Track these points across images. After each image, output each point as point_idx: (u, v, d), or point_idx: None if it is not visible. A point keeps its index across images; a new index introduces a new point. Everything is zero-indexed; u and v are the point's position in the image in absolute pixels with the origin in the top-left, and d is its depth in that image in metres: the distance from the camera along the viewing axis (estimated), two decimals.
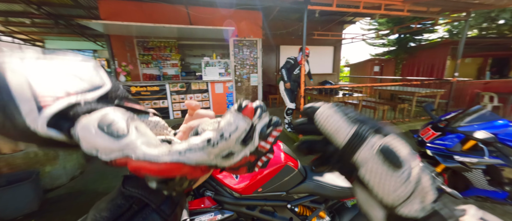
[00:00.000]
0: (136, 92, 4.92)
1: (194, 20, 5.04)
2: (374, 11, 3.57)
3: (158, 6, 4.91)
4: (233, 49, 5.72)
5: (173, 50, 6.25)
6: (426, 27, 6.09)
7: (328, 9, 3.30)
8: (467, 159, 1.65)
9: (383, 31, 7.67)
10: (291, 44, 7.36)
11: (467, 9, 3.95)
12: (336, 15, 6.78)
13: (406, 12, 3.67)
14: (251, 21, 5.63)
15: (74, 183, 2.40)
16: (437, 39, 8.38)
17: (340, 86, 4.12)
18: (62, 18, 5.73)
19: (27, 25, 6.36)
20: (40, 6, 5.00)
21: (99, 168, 2.75)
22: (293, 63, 3.66)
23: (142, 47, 5.87)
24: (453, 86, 4.35)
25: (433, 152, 1.82)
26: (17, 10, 5.52)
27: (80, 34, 6.88)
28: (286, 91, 3.80)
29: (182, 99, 5.31)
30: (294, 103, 3.82)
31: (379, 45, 9.56)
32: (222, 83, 5.53)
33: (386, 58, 9.38)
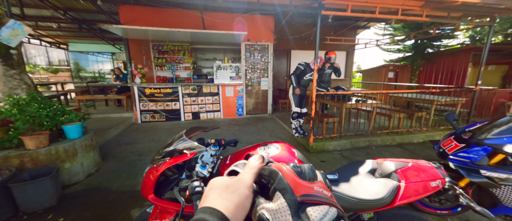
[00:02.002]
0: (150, 94, 5.08)
1: (208, 25, 5.17)
2: (391, 16, 3.47)
3: (174, 12, 5.09)
4: (245, 53, 5.78)
5: (186, 54, 6.42)
6: (446, 32, 5.82)
7: (343, 14, 3.25)
8: (495, 174, 1.53)
9: (399, 36, 7.43)
10: (303, 49, 7.32)
11: (492, 14, 3.74)
12: (349, 20, 6.68)
13: (425, 17, 3.54)
14: (263, 26, 5.67)
15: (89, 180, 2.49)
16: (457, 45, 7.99)
17: (353, 92, 4.01)
18: (85, 22, 6.10)
19: (54, 29, 6.82)
20: (66, 11, 5.35)
21: (113, 167, 2.84)
22: (303, 69, 3.64)
23: (157, 50, 6.08)
24: (476, 95, 4.10)
25: (456, 164, 1.71)
26: (45, 15, 5.95)
27: (100, 37, 7.27)
28: (293, 95, 3.79)
29: (194, 102, 5.41)
30: (299, 108, 3.83)
31: (394, 51, 9.26)
32: (232, 86, 5.58)
33: (401, 65, 9.06)
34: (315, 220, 0.25)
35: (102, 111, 5.59)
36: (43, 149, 2.15)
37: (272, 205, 0.27)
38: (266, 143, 1.28)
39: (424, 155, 3.36)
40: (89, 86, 6.00)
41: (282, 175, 0.29)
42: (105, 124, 4.38)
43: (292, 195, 0.27)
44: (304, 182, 0.29)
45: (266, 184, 0.30)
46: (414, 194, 1.05)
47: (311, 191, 0.28)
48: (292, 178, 0.29)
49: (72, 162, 2.35)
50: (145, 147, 3.54)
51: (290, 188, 0.27)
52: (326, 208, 0.26)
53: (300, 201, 0.26)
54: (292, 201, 0.26)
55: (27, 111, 2.23)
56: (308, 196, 0.27)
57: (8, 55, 2.29)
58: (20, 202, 1.88)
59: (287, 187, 0.27)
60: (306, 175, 0.31)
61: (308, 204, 0.26)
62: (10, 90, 2.33)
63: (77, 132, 2.44)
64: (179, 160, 1.06)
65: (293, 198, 0.26)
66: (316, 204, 0.26)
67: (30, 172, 2.03)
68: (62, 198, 2.13)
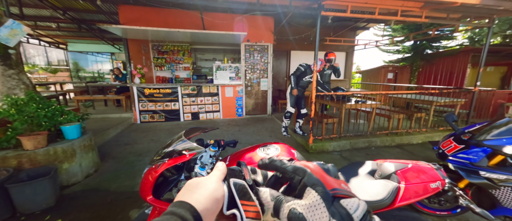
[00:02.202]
0: (149, 94, 5.07)
1: (208, 25, 5.16)
2: (390, 17, 3.47)
3: (174, 12, 5.09)
4: (244, 53, 5.78)
5: (185, 54, 6.41)
6: (445, 34, 5.85)
7: (342, 15, 3.26)
8: (495, 175, 1.53)
9: (398, 37, 7.45)
10: (302, 49, 7.33)
11: (490, 16, 3.76)
12: (349, 21, 6.69)
13: (424, 19, 3.55)
14: (263, 26, 5.68)
15: (88, 181, 2.47)
16: (456, 46, 8.02)
17: (352, 93, 4.02)
18: (85, 22, 6.09)
19: (53, 29, 6.80)
20: (66, 11, 5.34)
21: (112, 167, 2.82)
22: (303, 70, 3.65)
23: (156, 50, 6.07)
24: (475, 96, 4.11)
25: (455, 165, 1.71)
26: (44, 15, 5.93)
27: (100, 37, 7.26)
28: (290, 95, 3.81)
29: (193, 102, 5.40)
30: (293, 108, 3.87)
31: (393, 52, 9.29)
32: (232, 87, 5.58)
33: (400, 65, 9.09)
34: (351, 209, 0.25)
35: (101, 111, 5.57)
36: (41, 149, 2.14)
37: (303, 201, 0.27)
38: (266, 144, 1.28)
39: (424, 156, 3.36)
40: (88, 86, 5.98)
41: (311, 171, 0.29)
42: (104, 124, 4.37)
43: (325, 188, 0.27)
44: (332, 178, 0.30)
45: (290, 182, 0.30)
46: (414, 196, 1.04)
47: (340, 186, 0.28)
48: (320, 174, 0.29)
49: (71, 162, 2.34)
50: (144, 147, 3.53)
51: (321, 182, 0.27)
52: (358, 201, 0.27)
53: (332, 194, 0.27)
54: (326, 193, 0.26)
55: (25, 111, 2.21)
56: (338, 190, 0.27)
57: (7, 55, 2.28)
58: (18, 203, 1.87)
59: (318, 181, 0.27)
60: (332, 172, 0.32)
61: (340, 198, 0.27)
62: (8, 90, 2.32)
63: (75, 132, 2.43)
64: (178, 161, 1.06)
65: (326, 190, 0.27)
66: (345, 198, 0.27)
67: (28, 173, 2.02)
68: (60, 199, 2.12)
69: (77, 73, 9.83)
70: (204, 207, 0.26)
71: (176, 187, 1.12)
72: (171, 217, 0.23)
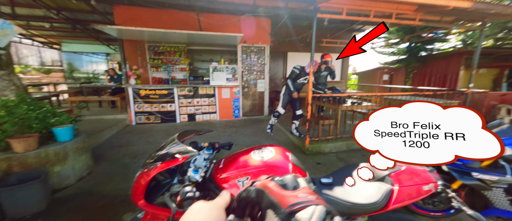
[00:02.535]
0: (145, 95, 5.02)
1: (204, 26, 5.15)
2: (385, 20, 3.52)
3: (170, 13, 5.06)
4: (241, 55, 5.78)
5: (182, 55, 6.38)
6: (438, 36, 5.95)
7: (338, 18, 3.28)
8: (487, 177, 1.55)
9: (394, 39, 7.56)
10: (299, 51, 7.36)
11: (482, 19, 3.84)
12: (345, 23, 6.75)
13: (418, 21, 3.60)
14: (259, 27, 5.69)
15: (81, 184, 2.43)
16: (449, 48, 8.17)
17: (348, 95, 4.04)
18: (79, 22, 6.00)
19: (47, 29, 6.69)
20: (60, 11, 5.26)
21: (106, 170, 2.78)
22: (298, 72, 3.67)
23: (153, 51, 6.02)
24: (468, 97, 4.19)
25: (448, 167, 1.73)
26: (38, 15, 5.83)
27: (95, 38, 7.17)
28: (283, 95, 3.82)
29: (189, 103, 5.36)
30: (284, 110, 3.93)
31: (388, 54, 9.41)
32: (229, 88, 5.56)
33: (396, 67, 9.21)
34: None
35: (95, 112, 5.49)
36: (32, 152, 2.09)
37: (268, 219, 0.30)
38: (260, 147, 1.27)
39: None
40: (83, 87, 5.89)
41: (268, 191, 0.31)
42: (99, 126, 4.30)
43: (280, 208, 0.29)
44: (289, 193, 0.32)
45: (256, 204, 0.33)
46: (407, 198, 1.05)
47: (296, 199, 0.30)
48: (277, 192, 0.31)
49: (63, 165, 2.29)
50: (140, 149, 3.49)
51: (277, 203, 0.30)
52: (312, 208, 0.28)
53: (289, 212, 0.28)
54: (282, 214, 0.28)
55: (16, 113, 2.16)
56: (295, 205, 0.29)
57: None
58: (7, 207, 1.82)
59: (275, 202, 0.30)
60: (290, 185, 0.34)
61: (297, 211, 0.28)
62: None
63: (68, 134, 2.39)
64: (170, 165, 1.04)
65: (282, 211, 0.29)
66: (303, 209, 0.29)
67: (18, 176, 1.97)
68: (51, 203, 2.07)
69: (71, 74, 9.67)
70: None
71: (169, 191, 1.10)
72: None
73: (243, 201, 0.34)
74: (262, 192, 0.31)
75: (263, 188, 0.32)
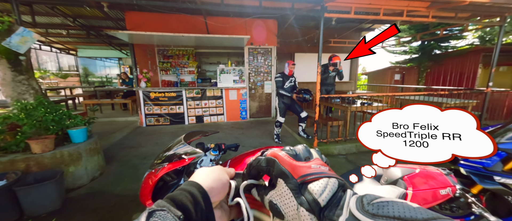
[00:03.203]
0: (154, 98, 5.14)
1: (211, 29, 5.22)
2: (395, 18, 3.41)
3: (178, 17, 5.18)
4: (248, 57, 5.80)
5: (190, 58, 6.49)
6: (453, 33, 5.70)
7: (346, 17, 3.22)
8: (510, 181, 1.44)
9: (405, 38, 7.32)
10: (306, 51, 7.30)
11: (502, 14, 3.63)
12: (353, 23, 6.62)
13: (431, 19, 3.47)
14: (266, 29, 5.69)
15: (93, 184, 2.50)
16: (466, 46, 7.80)
17: (358, 95, 3.94)
18: (93, 29, 6.28)
19: (64, 36, 7.04)
20: (75, 18, 5.52)
21: (117, 170, 2.86)
22: (281, 79, 3.64)
23: (162, 55, 6.18)
24: (487, 97, 3.96)
25: (467, 170, 1.63)
26: (56, 23, 6.15)
27: (108, 43, 7.46)
28: (279, 106, 3.74)
29: (197, 105, 5.44)
30: (283, 118, 3.78)
31: (400, 53, 9.12)
32: (236, 90, 5.59)
33: (408, 66, 8.90)
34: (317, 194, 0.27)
35: (108, 115, 5.68)
36: (49, 153, 2.18)
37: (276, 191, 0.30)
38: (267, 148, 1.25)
39: None
40: (96, 90, 6.13)
41: (279, 161, 0.30)
42: (110, 128, 4.45)
43: (292, 178, 0.29)
44: (301, 163, 0.31)
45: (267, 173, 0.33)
46: (422, 203, 0.99)
47: (308, 169, 0.30)
48: (288, 162, 0.30)
49: (77, 165, 2.38)
50: (148, 150, 3.56)
51: (288, 172, 0.29)
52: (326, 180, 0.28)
53: (300, 182, 0.28)
54: (292, 184, 0.28)
55: (34, 116, 2.27)
56: (307, 176, 0.29)
57: (17, 62, 2.36)
58: (25, 206, 1.90)
59: (286, 171, 0.29)
60: (301, 155, 0.33)
61: (309, 182, 0.28)
62: (18, 96, 2.40)
63: (82, 136, 2.48)
64: (177, 165, 1.05)
65: (293, 181, 0.28)
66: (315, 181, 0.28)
67: (35, 176, 2.06)
68: (66, 202, 2.14)
69: (86, 78, 10.11)
70: (210, 186, 0.29)
71: None
72: (181, 192, 0.27)
73: (254, 170, 0.33)
74: (273, 161, 0.30)
75: (274, 157, 0.31)
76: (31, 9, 4.45)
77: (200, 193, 0.27)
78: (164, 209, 0.24)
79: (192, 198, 0.26)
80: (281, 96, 3.70)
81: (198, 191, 0.27)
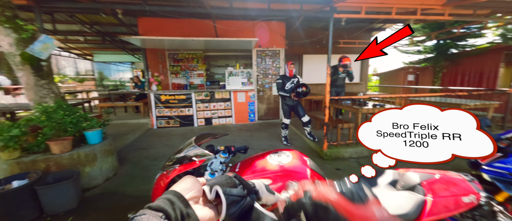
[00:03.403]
0: (165, 101, 5.27)
1: (220, 32, 5.30)
2: (409, 17, 3.30)
3: (188, 22, 5.30)
4: (256, 59, 5.81)
5: (199, 61, 6.61)
6: (472, 31, 5.42)
7: (356, 17, 3.16)
8: None
9: (419, 37, 7.05)
10: (315, 53, 7.22)
11: None
12: (364, 23, 6.48)
13: (447, 16, 3.32)
14: (274, 31, 5.69)
15: (107, 184, 2.59)
16: (485, 44, 7.39)
17: (369, 97, 3.83)
18: (108, 35, 6.56)
19: (81, 42, 7.42)
20: (92, 25, 5.80)
21: (129, 171, 2.94)
22: (281, 81, 3.59)
23: (172, 59, 6.33)
24: (511, 98, 3.71)
25: (491, 176, 1.52)
26: (74, 30, 6.50)
27: (121, 48, 7.76)
28: (283, 107, 3.71)
29: (206, 108, 5.50)
30: (288, 120, 3.77)
31: (413, 52, 8.80)
32: (244, 92, 5.61)
33: (422, 67, 8.56)
34: None
35: (121, 117, 5.88)
36: (67, 153, 2.28)
37: None
38: (277, 151, 1.24)
39: (452, 165, 3.07)
40: (111, 94, 6.37)
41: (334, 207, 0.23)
42: (123, 130, 4.60)
43: None
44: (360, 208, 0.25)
45: None
46: (444, 211, 0.94)
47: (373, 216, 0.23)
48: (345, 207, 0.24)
49: (92, 166, 2.47)
50: (159, 152, 3.64)
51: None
52: None
53: None
54: None
55: (54, 118, 2.39)
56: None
57: (39, 67, 2.51)
58: (44, 204, 2.00)
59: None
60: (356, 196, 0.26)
61: None
62: (40, 99, 2.54)
63: (97, 137, 2.57)
64: (188, 167, 1.06)
65: None
66: None
67: (54, 176, 2.16)
68: (82, 201, 2.23)
69: (101, 82, 10.56)
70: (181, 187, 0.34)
71: None
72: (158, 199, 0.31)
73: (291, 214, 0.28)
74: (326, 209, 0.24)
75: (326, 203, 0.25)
76: (52, 18, 4.73)
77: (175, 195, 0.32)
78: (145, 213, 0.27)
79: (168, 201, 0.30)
80: (283, 98, 3.67)
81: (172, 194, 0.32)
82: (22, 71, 2.40)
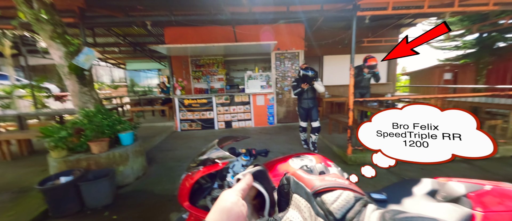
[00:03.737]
0: (188, 104, 5.53)
1: (239, 37, 5.42)
2: (444, 9, 3.00)
3: (209, 29, 5.55)
4: (275, 62, 5.81)
5: (219, 66, 6.84)
6: None
7: (383, 14, 2.97)
8: None
9: (456, 31, 6.35)
10: (336, 53, 6.96)
11: None
12: (391, 19, 6.07)
13: (491, 6, 2.94)
14: (293, 33, 5.64)
15: (137, 183, 2.79)
16: None
17: (399, 98, 3.55)
18: (139, 45, 7.17)
19: (116, 53, 8.23)
20: (125, 37, 6.40)
21: (156, 171, 3.13)
22: (296, 84, 3.37)
23: (194, 64, 6.66)
24: None
25: None
26: (110, 42, 7.24)
27: (150, 56, 8.41)
28: (299, 110, 3.52)
29: (226, 111, 5.64)
30: (305, 122, 3.58)
31: (450, 48, 7.94)
32: (263, 95, 5.62)
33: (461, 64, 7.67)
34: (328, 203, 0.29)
35: (149, 120, 6.33)
36: (104, 153, 2.52)
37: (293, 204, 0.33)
38: (299, 154, 1.21)
39: (503, 174, 2.67)
40: (140, 99, 6.91)
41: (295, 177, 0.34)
42: (151, 132, 4.93)
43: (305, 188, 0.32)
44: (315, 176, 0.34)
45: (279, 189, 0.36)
46: None
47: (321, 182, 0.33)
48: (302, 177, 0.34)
49: (125, 165, 2.69)
50: (183, 153, 3.81)
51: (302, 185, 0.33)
52: (339, 192, 0.31)
53: (313, 192, 0.31)
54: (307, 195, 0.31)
55: (94, 121, 2.67)
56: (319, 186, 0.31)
57: (82, 76, 2.83)
58: (86, 199, 2.22)
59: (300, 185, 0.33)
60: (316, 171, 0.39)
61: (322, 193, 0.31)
62: (83, 104, 2.86)
63: (129, 139, 2.80)
64: (211, 169, 1.08)
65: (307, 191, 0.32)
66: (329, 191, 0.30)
67: (94, 173, 2.39)
68: (116, 197, 2.43)
69: (132, 88, 11.54)
70: None
71: (210, 195, 1.15)
72: None
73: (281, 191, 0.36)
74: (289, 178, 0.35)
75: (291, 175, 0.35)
76: (93, 32, 5.33)
77: None
78: None
79: None
80: (299, 102, 3.52)
81: None
82: (69, 80, 2.74)
